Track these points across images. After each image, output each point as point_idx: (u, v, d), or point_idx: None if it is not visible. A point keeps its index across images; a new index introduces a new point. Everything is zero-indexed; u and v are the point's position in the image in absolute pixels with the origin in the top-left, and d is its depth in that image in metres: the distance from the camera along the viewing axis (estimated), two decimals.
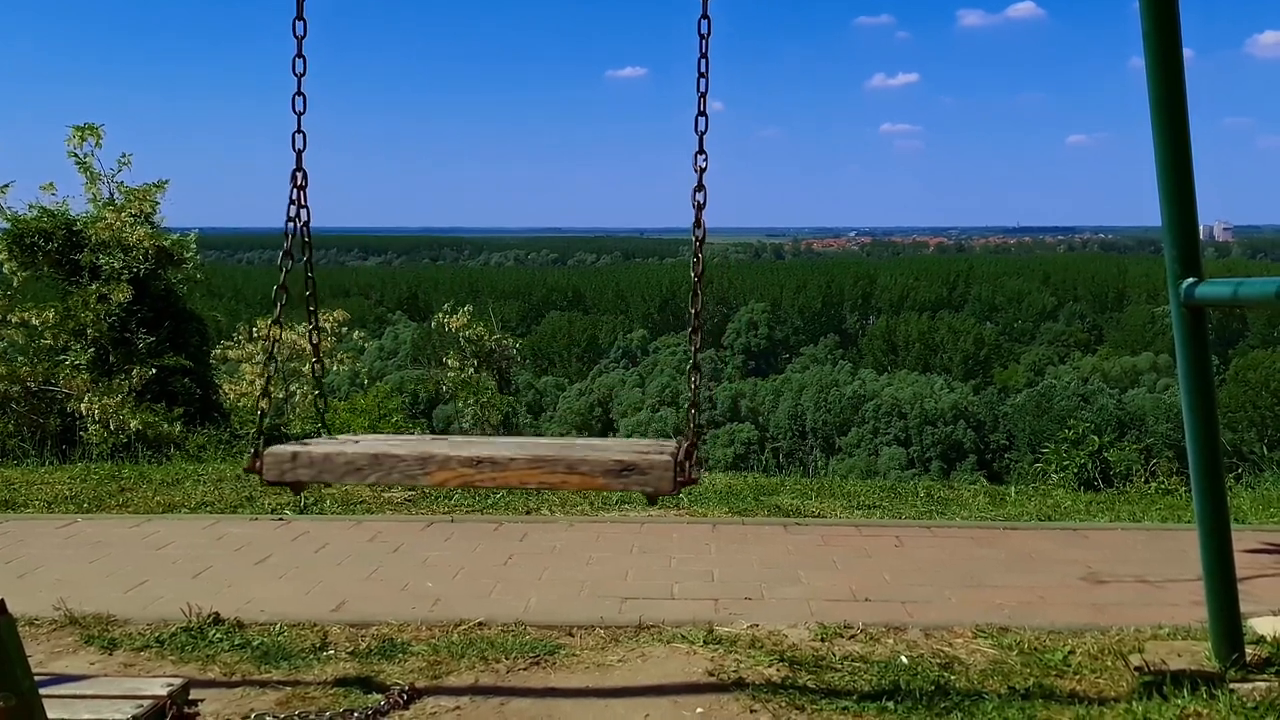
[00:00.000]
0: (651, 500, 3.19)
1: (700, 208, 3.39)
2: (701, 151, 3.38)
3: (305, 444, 3.17)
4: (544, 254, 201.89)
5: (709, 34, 3.38)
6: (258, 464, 3.16)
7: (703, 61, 3.38)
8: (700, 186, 3.39)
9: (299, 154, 3.55)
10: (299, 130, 3.54)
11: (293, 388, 16.54)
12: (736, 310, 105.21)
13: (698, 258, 3.42)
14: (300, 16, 3.47)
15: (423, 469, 3.05)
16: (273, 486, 3.40)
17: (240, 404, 14.41)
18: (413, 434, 3.84)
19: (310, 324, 3.95)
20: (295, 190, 3.56)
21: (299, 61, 3.51)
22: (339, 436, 3.73)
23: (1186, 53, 3.66)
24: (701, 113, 3.37)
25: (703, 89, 3.38)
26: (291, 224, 3.57)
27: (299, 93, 3.54)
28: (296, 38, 3.49)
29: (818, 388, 74.03)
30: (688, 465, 3.05)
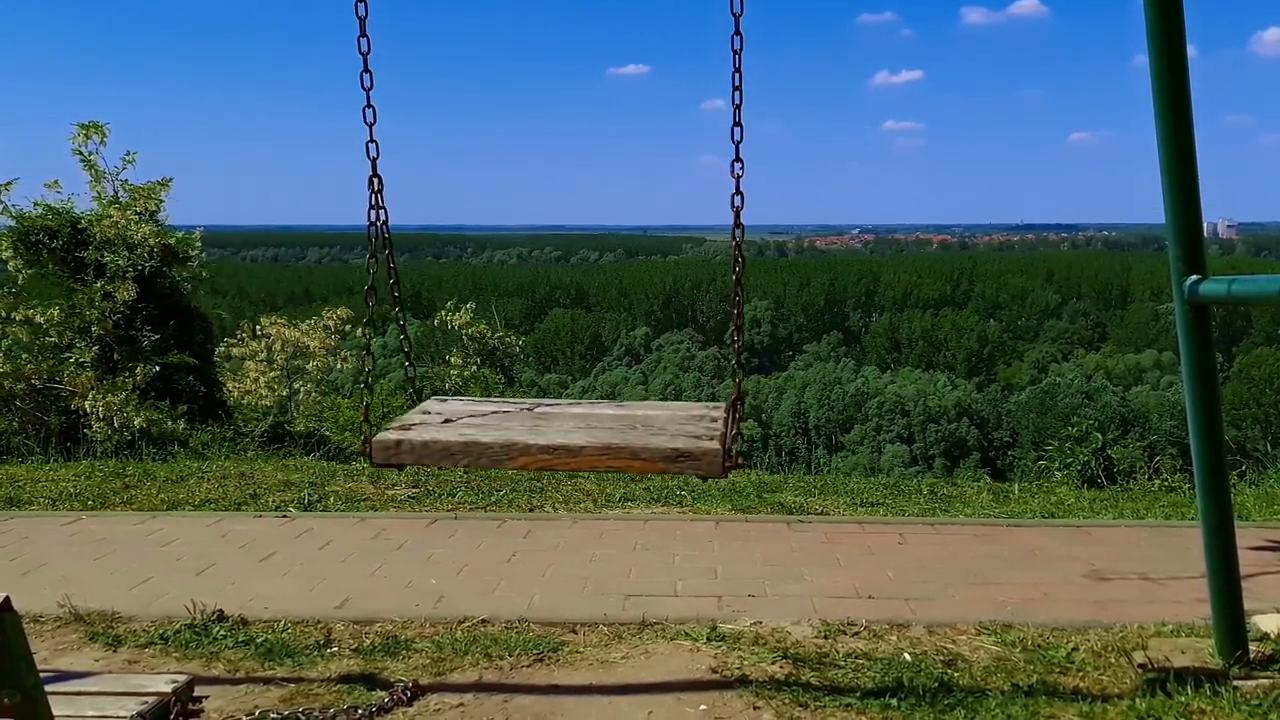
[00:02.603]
0: (704, 479, 3.45)
1: (738, 211, 3.48)
2: (738, 159, 3.46)
3: (406, 429, 3.39)
4: (547, 251, 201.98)
5: (741, 49, 3.42)
6: (367, 449, 3.41)
7: (736, 75, 3.43)
8: (738, 191, 3.47)
9: (374, 161, 3.66)
10: (371, 140, 3.64)
11: (296, 385, 16.55)
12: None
13: (738, 248, 3.48)
14: (363, 33, 3.52)
15: (507, 455, 3.27)
16: (381, 468, 3.78)
17: (244, 401, 14.43)
18: (492, 401, 4.07)
19: (399, 321, 4.11)
20: (373, 195, 3.71)
21: (366, 76, 3.59)
22: (430, 402, 3.97)
23: (1190, 50, 3.66)
24: (737, 123, 3.43)
25: (737, 101, 3.43)
26: (371, 226, 3.72)
27: (369, 105, 3.62)
28: (361, 54, 3.56)
29: (821, 385, 73.95)
30: (734, 450, 3.30)
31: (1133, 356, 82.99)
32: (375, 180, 3.70)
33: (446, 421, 3.56)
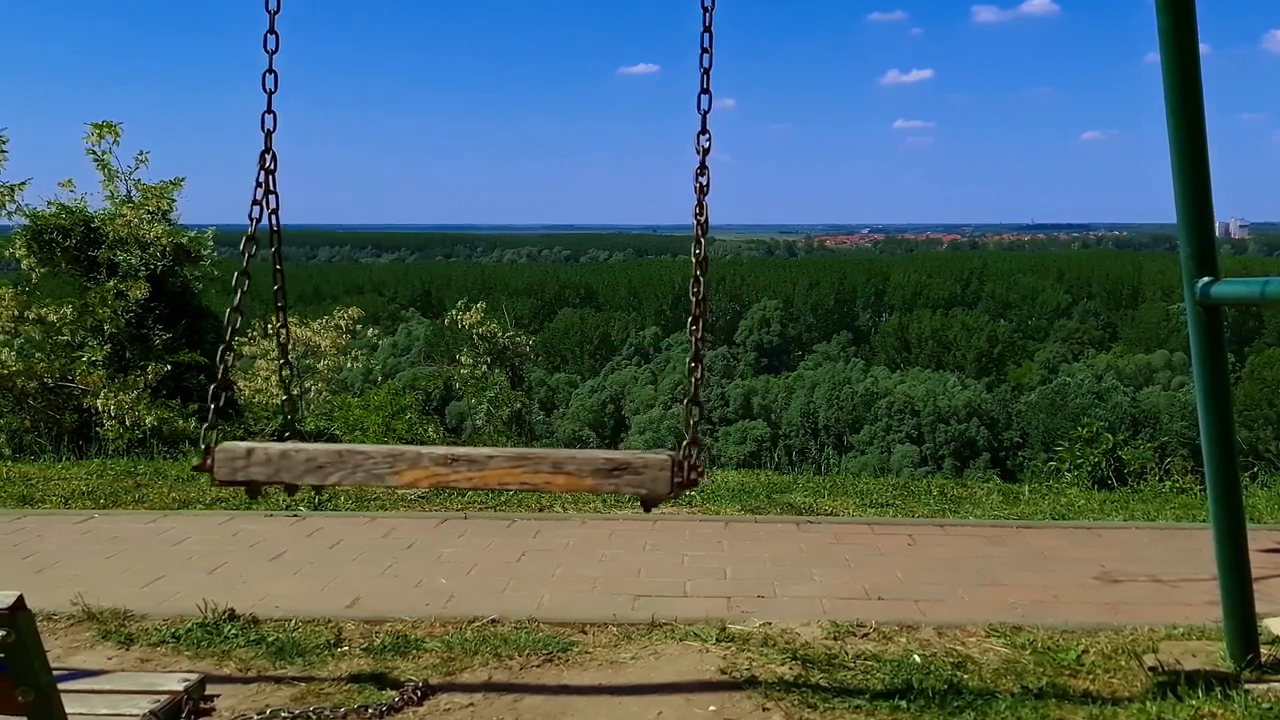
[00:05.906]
0: (647, 506, 2.82)
1: (703, 190, 3.32)
2: (704, 131, 3.28)
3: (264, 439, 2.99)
4: (556, 251, 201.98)
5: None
6: (208, 462, 2.84)
7: (706, 35, 3.34)
8: (703, 169, 3.31)
9: (268, 134, 3.40)
10: (269, 110, 3.40)
11: (306, 384, 16.61)
12: (749, 307, 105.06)
13: (700, 242, 3.29)
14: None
15: (391, 468, 2.82)
16: (225, 487, 2.82)
17: (254, 400, 14.48)
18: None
19: (278, 321, 3.76)
20: (263, 174, 3.40)
21: (271, 38, 3.41)
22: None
23: (1202, 48, 3.64)
24: (705, 90, 3.28)
25: (706, 64, 3.34)
26: (257, 206, 3.43)
27: (270, 70, 3.42)
28: (269, 12, 3.39)
29: (830, 385, 73.85)
30: (687, 466, 2.71)
31: (1143, 357, 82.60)
32: (267, 156, 3.38)
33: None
